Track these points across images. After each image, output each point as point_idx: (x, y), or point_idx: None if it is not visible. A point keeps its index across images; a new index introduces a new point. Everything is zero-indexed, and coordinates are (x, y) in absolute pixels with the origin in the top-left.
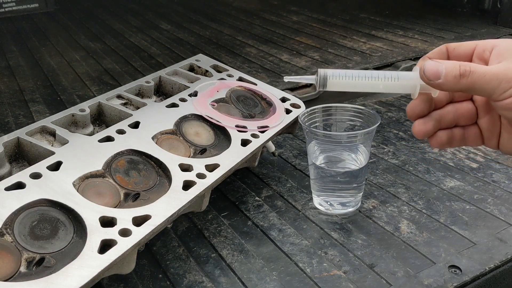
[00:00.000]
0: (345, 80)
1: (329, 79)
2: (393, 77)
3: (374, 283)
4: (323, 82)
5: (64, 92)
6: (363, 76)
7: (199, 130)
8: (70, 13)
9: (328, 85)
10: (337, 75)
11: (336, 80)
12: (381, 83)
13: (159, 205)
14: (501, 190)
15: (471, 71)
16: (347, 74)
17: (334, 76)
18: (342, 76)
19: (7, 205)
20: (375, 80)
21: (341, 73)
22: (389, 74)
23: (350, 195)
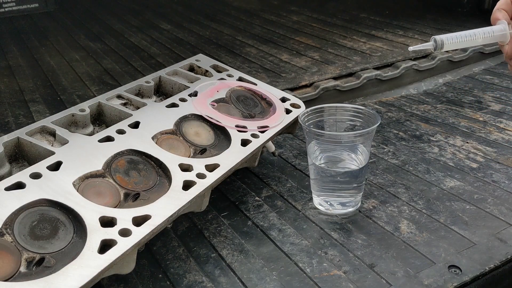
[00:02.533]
0: (456, 42)
1: (445, 43)
2: (489, 32)
3: (374, 283)
4: (441, 45)
5: (64, 92)
6: (468, 36)
7: (199, 130)
8: (70, 13)
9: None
10: (451, 39)
11: (450, 43)
12: (481, 39)
13: (159, 205)
14: (501, 190)
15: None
16: (457, 37)
17: (448, 40)
18: (453, 39)
19: (7, 205)
20: (475, 37)
21: (453, 36)
22: (486, 30)
23: (350, 195)
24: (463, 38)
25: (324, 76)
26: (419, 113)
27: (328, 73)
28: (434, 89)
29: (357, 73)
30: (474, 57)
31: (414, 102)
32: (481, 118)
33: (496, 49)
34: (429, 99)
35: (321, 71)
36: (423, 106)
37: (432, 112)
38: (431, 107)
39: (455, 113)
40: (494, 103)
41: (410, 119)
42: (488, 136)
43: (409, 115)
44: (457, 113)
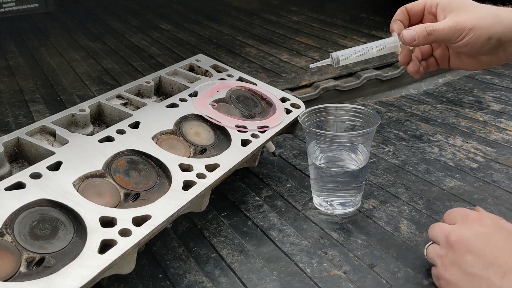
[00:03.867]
0: (351, 57)
1: (341, 59)
2: (383, 45)
3: (374, 283)
4: (337, 61)
5: (64, 92)
6: (362, 50)
7: (199, 130)
8: (70, 13)
9: (341, 62)
10: (345, 55)
11: (345, 58)
12: (376, 51)
13: (159, 205)
14: (501, 190)
15: (433, 29)
16: (351, 52)
17: (343, 56)
18: (348, 54)
19: (7, 205)
20: (370, 51)
21: (347, 52)
22: (379, 43)
23: (350, 195)
24: (358, 53)
25: (324, 76)
26: (419, 113)
27: (328, 73)
28: (434, 89)
29: (357, 73)
30: None
31: (414, 102)
32: (481, 118)
33: None
34: (429, 99)
35: (321, 71)
36: (423, 106)
37: (432, 112)
38: (431, 107)
39: (455, 113)
40: (494, 103)
41: (410, 119)
42: (488, 136)
43: (409, 115)
44: (457, 113)
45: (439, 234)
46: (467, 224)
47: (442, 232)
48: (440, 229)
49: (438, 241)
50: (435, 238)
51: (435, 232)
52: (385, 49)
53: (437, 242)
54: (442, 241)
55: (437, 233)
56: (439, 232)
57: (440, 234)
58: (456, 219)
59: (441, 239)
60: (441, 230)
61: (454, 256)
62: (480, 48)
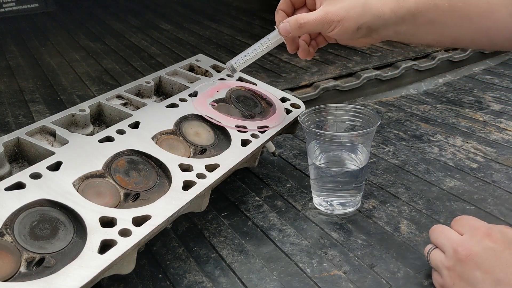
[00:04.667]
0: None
1: (235, 66)
2: (268, 41)
3: (374, 283)
4: (232, 69)
5: (64, 92)
6: (252, 51)
7: (199, 130)
8: (70, 13)
9: (237, 69)
10: (237, 61)
11: (239, 65)
12: (264, 48)
13: (159, 205)
14: (501, 190)
15: (304, 22)
16: (243, 57)
17: (235, 63)
18: (239, 60)
19: (7, 205)
20: (260, 49)
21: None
22: (264, 41)
23: (350, 195)
24: (249, 56)
25: (324, 76)
26: (419, 113)
27: (328, 73)
28: (434, 89)
29: (357, 73)
30: (474, 57)
31: (414, 102)
32: (481, 118)
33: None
34: (429, 99)
35: (321, 71)
36: (423, 106)
37: (432, 112)
38: (431, 107)
39: (455, 113)
40: (494, 103)
41: (410, 119)
42: (488, 136)
43: (409, 115)
44: (457, 113)
45: (446, 242)
46: (476, 237)
47: (450, 242)
48: (447, 237)
49: (443, 249)
50: (440, 245)
51: (441, 239)
52: (271, 44)
53: (442, 249)
54: (449, 252)
55: (443, 241)
56: (445, 240)
57: (447, 243)
58: (464, 229)
59: (448, 250)
60: (448, 239)
61: (463, 271)
62: (351, 36)
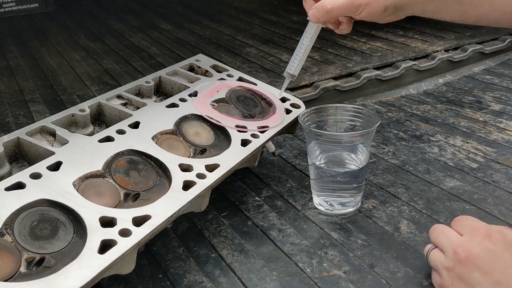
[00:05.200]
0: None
1: (293, 72)
2: (309, 35)
3: (374, 283)
4: (292, 75)
5: (64, 92)
6: (300, 52)
7: (199, 130)
8: (70, 13)
9: (295, 74)
10: (292, 67)
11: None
12: (309, 43)
13: (159, 205)
14: (501, 190)
15: (332, 8)
16: (294, 60)
17: (291, 69)
18: (293, 65)
19: (7, 205)
20: (305, 45)
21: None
22: (306, 36)
23: (350, 195)
24: (299, 57)
25: (324, 76)
26: (419, 113)
27: (328, 73)
28: (434, 89)
29: (357, 73)
30: (474, 57)
31: (414, 102)
32: (481, 118)
33: (496, 49)
34: (429, 99)
35: (321, 71)
36: (423, 106)
37: (432, 112)
38: (431, 107)
39: (455, 113)
40: (494, 103)
41: (410, 119)
42: (488, 136)
43: (409, 115)
44: (457, 113)
45: (446, 242)
46: (476, 238)
47: (450, 242)
48: (446, 237)
49: (443, 249)
50: (440, 245)
51: (441, 239)
52: (312, 36)
53: (441, 249)
54: (449, 252)
55: (443, 241)
56: (445, 241)
57: (446, 243)
58: (464, 230)
59: (448, 250)
60: (448, 240)
61: (462, 272)
62: (379, 16)
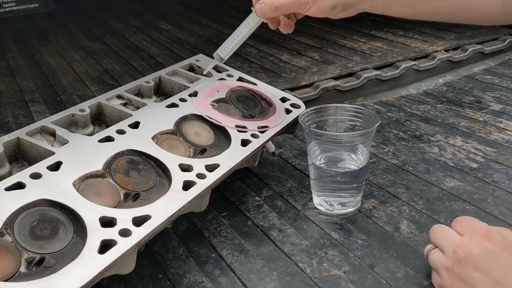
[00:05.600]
0: (229, 48)
1: (221, 55)
2: (248, 24)
3: (374, 283)
4: (220, 58)
5: (64, 92)
6: (235, 37)
7: (199, 130)
8: (70, 13)
9: (224, 57)
10: (223, 49)
11: (225, 51)
12: (246, 32)
13: (159, 205)
14: (501, 190)
15: (280, 4)
16: (228, 44)
17: (222, 51)
18: (225, 48)
19: (7, 205)
20: (242, 33)
21: (224, 46)
22: (244, 25)
23: (350, 195)
24: (233, 43)
25: (324, 76)
26: (419, 113)
27: (328, 73)
28: (434, 89)
29: (357, 73)
30: (474, 57)
31: (414, 102)
32: (481, 118)
33: (496, 49)
34: (429, 99)
35: (321, 71)
36: (423, 106)
37: (432, 112)
38: (431, 107)
39: (455, 113)
40: (494, 103)
41: (410, 119)
42: (488, 136)
43: (409, 115)
44: (457, 113)
45: (445, 243)
46: (476, 238)
47: (450, 243)
48: (446, 237)
49: (443, 249)
50: (439, 245)
51: (440, 240)
52: (253, 27)
53: (441, 249)
54: (448, 252)
55: (442, 241)
56: (445, 241)
57: (446, 243)
58: (464, 230)
59: (448, 250)
60: (448, 240)
61: (461, 272)
62: (327, 14)
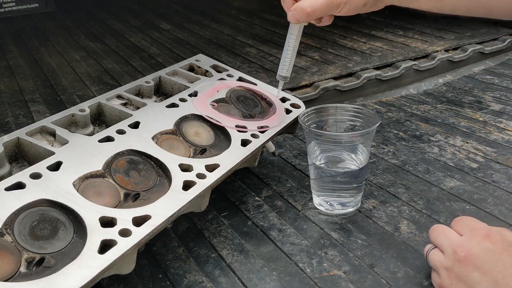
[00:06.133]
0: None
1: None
2: (294, 36)
3: (374, 283)
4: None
5: (64, 92)
6: (287, 54)
7: (199, 130)
8: (70, 13)
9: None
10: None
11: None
12: (295, 44)
13: (159, 205)
14: (501, 190)
15: (312, 10)
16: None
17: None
18: (284, 67)
19: (7, 205)
20: (292, 47)
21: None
22: (290, 37)
23: (350, 195)
24: (288, 59)
25: (324, 76)
26: (419, 113)
27: (328, 73)
28: (434, 89)
29: (357, 73)
30: (474, 57)
31: (414, 102)
32: (481, 118)
33: (496, 49)
34: (429, 99)
35: (321, 71)
36: (423, 106)
37: (432, 112)
38: (431, 107)
39: (455, 113)
40: (494, 103)
41: (410, 119)
42: (488, 136)
43: (409, 115)
44: (457, 113)
45: (445, 243)
46: (476, 238)
47: (449, 242)
48: (446, 237)
49: (442, 249)
50: (439, 245)
51: (440, 240)
52: (296, 36)
53: (441, 249)
54: (448, 252)
55: (442, 241)
56: (445, 241)
57: (446, 243)
58: (464, 230)
59: (447, 250)
60: (447, 240)
61: (461, 272)
62: (358, 11)
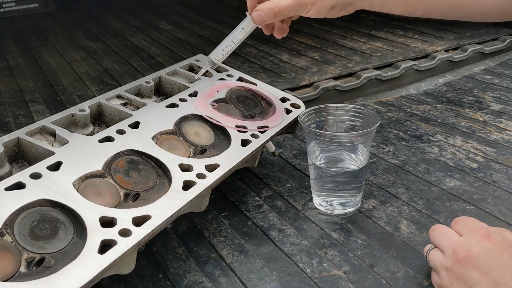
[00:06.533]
0: (223, 53)
1: (214, 60)
2: (243, 30)
3: (374, 283)
4: (212, 63)
5: (64, 92)
6: (228, 43)
7: (199, 130)
8: (70, 13)
9: (217, 63)
10: (216, 54)
11: (218, 57)
12: (241, 38)
13: (159, 205)
14: (501, 190)
15: (280, 10)
16: (221, 50)
17: (215, 56)
18: (219, 53)
19: (7, 205)
20: (236, 39)
21: (218, 51)
22: (239, 31)
23: (350, 195)
24: (227, 49)
25: (324, 76)
26: (419, 113)
27: (328, 73)
28: (434, 89)
29: (357, 73)
30: (474, 57)
31: (414, 102)
32: (481, 118)
33: (496, 49)
34: (429, 99)
35: (321, 71)
36: (423, 106)
37: (432, 112)
38: (431, 107)
39: (455, 113)
40: (494, 103)
41: (410, 119)
42: (488, 136)
43: (409, 115)
44: (457, 113)
45: (445, 243)
46: (476, 238)
47: (449, 242)
48: (446, 237)
49: (442, 249)
50: (439, 245)
51: (440, 240)
52: (247, 32)
53: (441, 249)
54: (448, 252)
55: (442, 241)
56: (444, 241)
57: (446, 243)
58: (464, 230)
59: (447, 250)
60: (447, 240)
61: (461, 272)
62: (326, 14)
